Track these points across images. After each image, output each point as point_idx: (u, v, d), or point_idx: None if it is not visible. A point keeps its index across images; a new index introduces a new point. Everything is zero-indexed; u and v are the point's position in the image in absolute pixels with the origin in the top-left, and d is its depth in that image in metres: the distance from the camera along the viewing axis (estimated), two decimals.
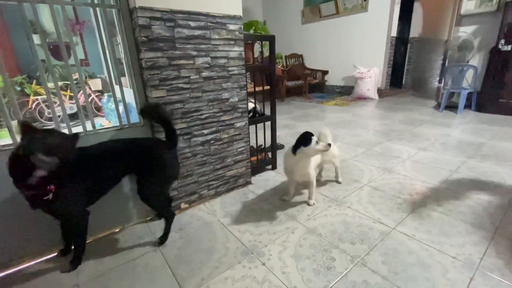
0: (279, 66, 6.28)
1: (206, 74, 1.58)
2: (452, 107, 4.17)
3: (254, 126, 2.11)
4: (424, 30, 6.25)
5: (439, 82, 6.98)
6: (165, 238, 1.41)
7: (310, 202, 1.70)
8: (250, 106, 2.06)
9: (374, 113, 4.41)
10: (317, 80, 6.67)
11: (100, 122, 4.01)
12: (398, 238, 1.36)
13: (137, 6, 1.26)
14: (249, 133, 1.93)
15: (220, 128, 1.74)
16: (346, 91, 6.24)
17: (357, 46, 5.86)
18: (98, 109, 4.71)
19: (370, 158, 2.43)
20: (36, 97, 4.32)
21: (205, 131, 1.67)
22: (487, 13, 4.09)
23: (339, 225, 1.49)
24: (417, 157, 2.41)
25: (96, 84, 4.90)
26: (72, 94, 4.67)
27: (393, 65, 5.78)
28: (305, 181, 1.69)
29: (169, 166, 1.34)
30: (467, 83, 4.07)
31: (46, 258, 1.33)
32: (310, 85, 6.49)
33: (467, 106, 4.08)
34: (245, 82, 1.79)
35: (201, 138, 1.67)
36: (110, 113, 3.86)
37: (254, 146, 2.24)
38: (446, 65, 4.58)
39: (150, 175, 1.30)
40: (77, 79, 4.08)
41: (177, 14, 1.39)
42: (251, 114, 2.08)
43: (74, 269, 1.24)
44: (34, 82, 4.43)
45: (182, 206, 1.70)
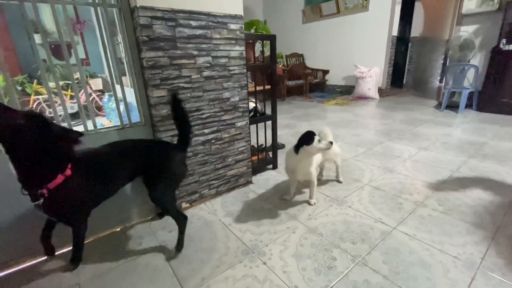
0: (280, 66, 6.27)
1: (207, 73, 1.58)
2: (453, 107, 4.16)
3: (255, 125, 2.11)
4: (425, 30, 6.23)
5: (440, 81, 6.95)
6: (181, 246, 1.32)
7: (311, 201, 1.70)
8: (251, 105, 2.06)
9: (375, 112, 4.40)
10: (317, 79, 6.66)
11: (101, 121, 4.01)
12: (399, 238, 1.36)
13: (138, 6, 1.26)
14: (250, 132, 1.92)
15: (221, 127, 1.74)
16: (347, 91, 6.24)
17: (358, 46, 5.85)
18: (99, 108, 4.72)
19: (371, 157, 2.43)
20: (37, 96, 4.32)
21: (206, 131, 1.67)
22: (488, 12, 4.08)
23: (340, 224, 1.49)
24: (418, 156, 2.40)
25: (97, 83, 4.90)
26: (73, 93, 4.68)
27: (394, 64, 5.77)
28: (306, 180, 1.69)
29: (179, 167, 1.33)
30: (468, 83, 4.06)
31: (46, 257, 1.33)
32: (311, 84, 6.48)
33: (468, 106, 4.07)
34: (246, 82, 1.79)
35: (202, 138, 1.67)
36: (111, 112, 3.86)
37: (255, 146, 2.24)
38: (447, 64, 4.56)
39: (162, 177, 1.26)
40: (78, 79, 4.08)
41: (178, 14, 1.39)
42: (252, 114, 2.09)
43: (76, 267, 1.24)
44: (35, 81, 4.44)
45: (183, 205, 1.71)
